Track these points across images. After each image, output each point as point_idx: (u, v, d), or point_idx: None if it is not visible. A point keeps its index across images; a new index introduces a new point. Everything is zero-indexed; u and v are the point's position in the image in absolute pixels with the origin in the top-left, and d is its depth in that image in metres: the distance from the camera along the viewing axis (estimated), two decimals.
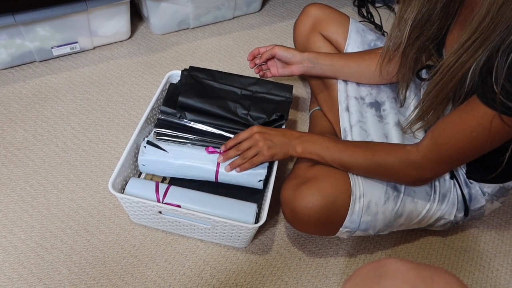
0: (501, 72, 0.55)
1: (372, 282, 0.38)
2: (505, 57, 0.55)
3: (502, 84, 0.55)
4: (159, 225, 0.88)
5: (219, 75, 0.99)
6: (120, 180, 0.84)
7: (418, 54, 0.81)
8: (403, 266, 0.38)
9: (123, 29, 1.27)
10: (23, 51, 1.15)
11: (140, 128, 0.90)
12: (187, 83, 0.95)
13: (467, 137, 0.64)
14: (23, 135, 1.03)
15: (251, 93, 0.96)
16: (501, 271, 0.92)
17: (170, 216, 0.83)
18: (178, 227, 0.87)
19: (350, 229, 0.77)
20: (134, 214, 0.87)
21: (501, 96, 0.56)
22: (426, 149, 0.69)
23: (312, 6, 1.04)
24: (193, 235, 0.89)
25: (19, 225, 0.88)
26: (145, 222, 0.89)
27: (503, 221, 1.00)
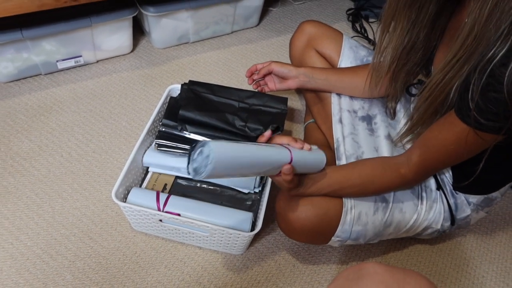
0: (476, 90, 0.59)
1: (352, 283, 0.42)
2: (481, 75, 0.59)
3: (477, 101, 0.60)
4: (159, 232, 0.92)
5: (217, 89, 1.04)
6: (122, 189, 0.89)
7: (407, 77, 0.86)
8: (379, 269, 0.42)
9: (125, 44, 1.32)
10: (29, 65, 1.20)
11: (142, 140, 0.94)
12: (187, 97, 0.99)
13: (449, 150, 0.69)
14: (29, 146, 1.08)
15: (248, 105, 1.01)
16: (487, 277, 0.96)
17: (170, 224, 0.87)
18: (178, 234, 0.91)
19: (342, 238, 0.81)
20: (135, 222, 0.91)
21: (474, 113, 0.60)
22: (416, 167, 0.74)
23: (307, 23, 1.09)
24: (192, 242, 0.93)
25: (25, 232, 0.92)
26: (146, 229, 0.93)
27: (488, 230, 1.05)
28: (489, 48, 0.58)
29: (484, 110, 0.60)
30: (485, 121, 0.60)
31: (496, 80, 0.57)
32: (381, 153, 0.89)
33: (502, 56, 0.56)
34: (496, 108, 0.58)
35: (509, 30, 0.56)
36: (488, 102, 0.59)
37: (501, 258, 1.00)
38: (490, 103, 0.58)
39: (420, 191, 0.84)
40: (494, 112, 0.59)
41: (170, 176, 1.00)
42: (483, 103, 0.59)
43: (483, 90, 0.59)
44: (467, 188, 0.83)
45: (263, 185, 0.95)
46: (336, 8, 1.69)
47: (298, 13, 1.64)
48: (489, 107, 0.59)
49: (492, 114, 0.59)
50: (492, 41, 0.58)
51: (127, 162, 0.90)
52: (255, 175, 0.68)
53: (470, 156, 0.70)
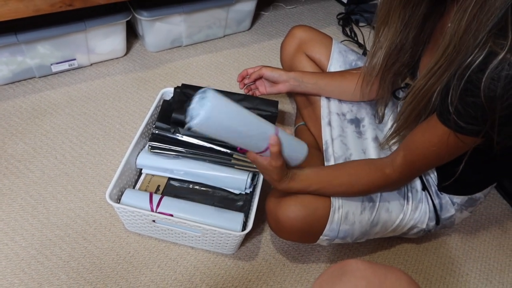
0: (455, 95, 0.62)
1: (336, 279, 0.45)
2: (459, 81, 0.62)
3: (456, 105, 0.62)
4: (152, 233, 0.94)
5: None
6: (116, 191, 0.91)
7: (394, 78, 0.89)
8: (361, 265, 0.45)
9: (119, 47, 1.33)
10: (23, 68, 1.21)
11: (135, 142, 0.96)
12: (180, 100, 1.02)
13: (432, 152, 0.72)
14: (24, 148, 1.09)
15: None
16: (471, 275, 0.99)
17: (163, 225, 0.89)
18: (171, 235, 0.93)
19: (330, 237, 0.84)
20: (129, 223, 0.93)
21: (454, 116, 0.63)
22: (401, 168, 0.77)
23: (298, 28, 1.12)
24: (184, 242, 0.95)
25: (20, 233, 0.94)
26: (140, 230, 0.95)
27: (473, 229, 1.08)
28: (468, 55, 0.61)
29: (463, 114, 0.62)
30: (465, 124, 0.63)
31: (473, 85, 0.59)
32: (368, 155, 0.92)
33: (479, 63, 0.59)
34: (474, 112, 0.61)
35: (486, 39, 0.58)
36: (467, 106, 0.61)
37: (485, 256, 1.03)
38: (469, 107, 0.61)
39: (406, 191, 0.87)
40: (473, 116, 0.61)
41: (163, 178, 1.02)
42: (462, 107, 0.62)
43: (462, 95, 0.62)
44: (451, 189, 0.86)
45: (254, 186, 0.98)
46: (327, 12, 1.72)
47: (290, 17, 1.67)
48: (467, 111, 0.62)
49: (471, 118, 0.62)
50: (470, 49, 0.60)
51: (120, 164, 0.92)
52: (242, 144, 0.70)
53: (452, 158, 0.73)
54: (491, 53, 0.58)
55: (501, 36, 0.57)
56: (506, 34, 0.57)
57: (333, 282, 0.45)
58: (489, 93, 0.58)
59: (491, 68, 0.57)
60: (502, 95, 0.57)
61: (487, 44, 0.58)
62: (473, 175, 0.83)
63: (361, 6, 1.69)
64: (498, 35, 0.58)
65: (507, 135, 0.63)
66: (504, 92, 0.57)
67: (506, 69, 0.56)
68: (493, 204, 1.15)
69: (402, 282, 0.44)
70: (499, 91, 0.57)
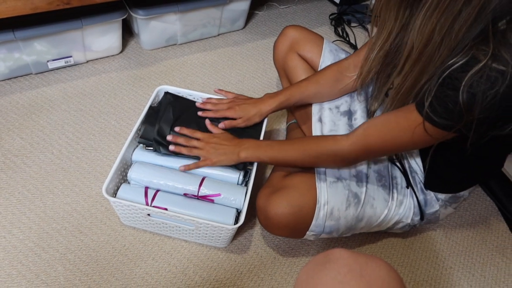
0: (432, 90, 0.66)
1: (320, 267, 0.48)
2: (436, 79, 0.66)
3: (431, 100, 0.66)
4: (147, 226, 0.97)
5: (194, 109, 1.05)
6: (112, 185, 0.93)
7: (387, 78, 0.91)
8: (344, 253, 0.48)
9: (115, 45, 1.36)
10: (20, 64, 1.23)
11: (130, 139, 0.98)
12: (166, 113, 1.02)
13: (394, 135, 0.74)
14: (21, 143, 1.11)
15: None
16: (454, 268, 1.03)
17: (157, 218, 0.92)
18: (165, 228, 0.96)
19: (316, 233, 0.87)
20: (125, 217, 0.96)
21: (428, 109, 0.67)
22: (355, 138, 0.79)
23: (290, 28, 1.14)
24: (178, 236, 0.98)
25: (18, 226, 0.96)
26: (135, 224, 0.98)
27: (457, 225, 1.12)
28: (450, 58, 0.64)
29: (437, 108, 0.65)
30: (438, 118, 0.66)
31: (454, 80, 0.62)
32: None
33: (462, 64, 0.62)
34: (452, 106, 0.63)
35: (470, 46, 0.62)
36: (445, 98, 0.64)
37: (468, 250, 1.07)
38: (447, 99, 0.64)
39: (391, 187, 0.90)
40: (449, 109, 0.64)
41: None
42: (437, 101, 0.65)
43: (440, 88, 0.65)
44: (437, 187, 0.90)
45: (246, 182, 1.01)
46: (320, 12, 1.76)
47: (283, 16, 1.70)
48: (444, 104, 0.64)
49: (446, 111, 0.65)
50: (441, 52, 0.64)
51: (116, 159, 0.94)
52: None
53: (412, 148, 0.76)
54: (474, 58, 0.61)
55: (484, 44, 0.60)
56: (487, 43, 0.60)
57: (318, 269, 0.48)
58: (469, 93, 0.61)
59: (473, 72, 0.60)
60: (481, 100, 0.61)
61: (471, 51, 0.62)
62: (459, 174, 0.87)
63: (353, 7, 1.72)
64: (481, 42, 0.61)
65: (480, 135, 0.66)
66: (484, 98, 0.60)
67: (487, 74, 0.59)
68: (477, 200, 1.19)
69: (382, 269, 0.47)
70: (478, 95, 0.60)
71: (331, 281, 0.45)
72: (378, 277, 0.46)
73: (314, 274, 0.48)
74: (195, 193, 0.93)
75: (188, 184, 0.94)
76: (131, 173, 0.95)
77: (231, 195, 0.93)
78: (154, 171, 0.95)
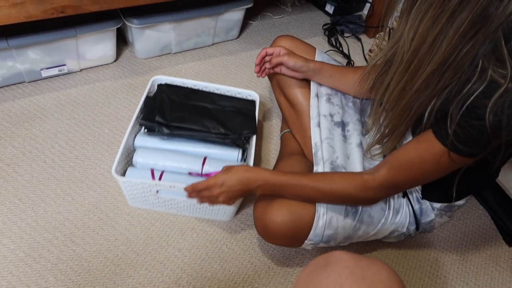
0: (455, 119, 0.65)
1: (320, 269, 0.48)
2: (458, 108, 0.65)
3: (454, 129, 0.65)
4: (155, 206, 1.00)
5: (191, 93, 1.12)
6: (120, 168, 0.95)
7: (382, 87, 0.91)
8: (345, 256, 0.48)
9: (109, 53, 1.35)
10: (13, 72, 1.22)
11: (132, 126, 1.02)
12: (163, 101, 1.07)
13: (420, 169, 0.74)
14: (12, 152, 1.10)
15: (221, 107, 1.10)
16: (448, 277, 1.03)
17: (166, 195, 0.95)
18: (173, 205, 0.99)
19: (314, 242, 0.87)
20: (133, 197, 0.98)
21: (452, 138, 0.66)
22: (382, 178, 0.77)
23: (282, 38, 1.14)
24: (185, 212, 1.02)
25: (8, 236, 0.94)
26: (142, 204, 1.01)
27: (451, 233, 1.12)
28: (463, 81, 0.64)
29: (462, 137, 0.65)
30: (463, 146, 0.66)
31: (479, 109, 0.62)
32: (352, 161, 0.93)
33: (483, 90, 0.62)
34: (477, 135, 0.63)
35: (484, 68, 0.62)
36: (470, 129, 0.64)
37: (462, 259, 1.08)
38: (472, 130, 0.64)
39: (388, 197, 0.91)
40: (475, 138, 0.64)
41: None
42: (461, 131, 0.65)
43: (464, 119, 0.64)
44: (434, 197, 0.90)
45: (244, 159, 1.04)
46: (313, 23, 1.77)
47: (277, 26, 1.71)
48: (469, 134, 0.64)
49: (472, 141, 0.65)
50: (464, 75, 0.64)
51: (121, 143, 0.97)
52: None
53: (438, 177, 0.75)
54: (493, 81, 0.61)
55: (501, 66, 0.61)
56: (505, 65, 0.60)
57: (318, 271, 0.47)
58: (495, 121, 0.61)
59: (496, 97, 0.60)
60: (507, 125, 0.61)
61: (487, 72, 0.62)
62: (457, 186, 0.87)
63: (346, 17, 1.74)
64: (498, 65, 0.61)
65: (506, 157, 0.67)
66: (509, 122, 0.60)
67: (510, 100, 0.59)
68: (470, 209, 1.19)
69: (383, 272, 0.46)
70: (504, 121, 0.60)
71: (332, 284, 0.45)
72: (379, 281, 0.45)
73: (314, 276, 0.47)
74: (199, 172, 0.99)
75: (192, 163, 0.99)
76: (136, 157, 1.00)
77: None
78: (158, 153, 1.01)
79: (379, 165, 0.79)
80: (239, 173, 0.81)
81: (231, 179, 0.81)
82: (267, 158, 1.21)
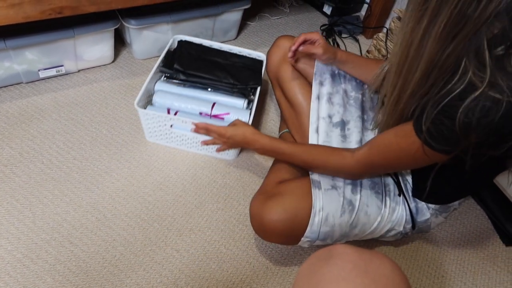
0: (430, 116, 0.67)
1: (323, 261, 0.47)
2: (433, 108, 0.67)
3: (428, 126, 0.68)
4: (169, 141, 1.17)
5: (207, 49, 1.29)
6: (141, 104, 1.12)
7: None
8: (348, 249, 0.47)
9: (107, 54, 1.35)
10: (10, 73, 1.22)
11: (152, 73, 1.18)
12: (181, 52, 1.23)
13: (396, 155, 0.77)
14: (10, 153, 1.10)
15: (232, 63, 1.26)
16: (446, 277, 1.04)
17: (179, 130, 1.11)
18: (184, 141, 1.16)
19: (311, 239, 0.87)
20: (150, 131, 1.15)
21: (425, 133, 0.69)
22: (360, 156, 0.83)
23: (282, 38, 1.15)
24: (195, 149, 1.18)
25: (6, 237, 0.94)
26: (158, 139, 1.17)
27: (448, 234, 1.13)
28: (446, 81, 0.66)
29: (435, 135, 0.68)
30: (435, 144, 0.69)
31: (452, 109, 0.64)
32: None
33: (460, 92, 0.63)
34: (448, 133, 0.66)
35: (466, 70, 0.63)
36: (441, 126, 0.66)
37: (459, 259, 1.08)
38: (443, 127, 0.66)
39: (384, 195, 0.91)
40: (446, 136, 0.66)
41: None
42: (434, 128, 0.67)
43: (437, 116, 0.66)
44: (427, 199, 0.91)
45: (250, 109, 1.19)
46: (311, 23, 1.78)
47: (275, 27, 1.71)
48: (441, 131, 0.66)
49: (443, 139, 0.67)
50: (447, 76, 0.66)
51: (144, 83, 1.14)
52: None
53: (414, 167, 0.78)
54: (471, 84, 0.62)
55: (481, 70, 0.62)
56: (485, 70, 0.61)
57: (320, 265, 0.47)
58: (465, 122, 0.63)
59: (470, 99, 0.62)
60: (476, 126, 0.62)
61: (467, 75, 0.63)
62: (447, 187, 0.88)
63: (344, 18, 1.74)
64: (478, 67, 0.62)
65: (477, 158, 0.68)
66: (478, 124, 0.62)
67: (482, 103, 0.61)
68: (467, 209, 1.20)
69: (386, 266, 0.46)
70: (474, 122, 0.62)
71: (334, 278, 0.44)
72: (382, 274, 0.44)
73: (316, 270, 0.46)
74: (208, 113, 1.16)
75: (202, 106, 1.16)
76: (155, 98, 1.17)
77: (237, 115, 1.15)
78: (174, 96, 1.18)
79: (361, 146, 0.85)
80: (244, 133, 0.94)
81: (237, 135, 0.94)
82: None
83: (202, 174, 1.14)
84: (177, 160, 1.16)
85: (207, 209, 1.07)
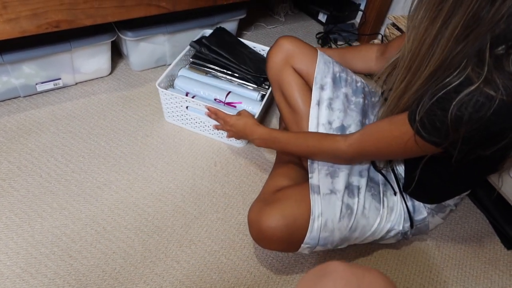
0: (425, 107, 0.68)
1: (317, 279, 0.48)
2: (429, 99, 0.68)
3: (421, 117, 0.69)
4: (184, 122, 1.27)
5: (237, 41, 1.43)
6: (163, 84, 1.23)
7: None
8: (341, 266, 0.48)
9: (104, 66, 1.36)
10: (8, 87, 1.22)
11: (177, 60, 1.31)
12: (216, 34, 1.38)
13: (388, 143, 0.78)
14: (8, 167, 1.10)
15: (253, 56, 1.38)
16: (448, 282, 1.03)
17: (194, 112, 1.21)
18: (198, 124, 1.25)
19: (311, 245, 0.87)
20: (169, 111, 1.26)
21: (418, 123, 0.69)
22: (352, 141, 0.84)
23: (284, 39, 1.11)
24: (207, 133, 1.27)
25: (5, 251, 0.94)
26: (175, 120, 1.28)
27: (449, 238, 1.12)
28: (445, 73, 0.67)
29: (427, 126, 0.69)
30: (426, 134, 0.69)
31: (446, 101, 0.65)
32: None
33: (456, 85, 0.65)
34: (439, 124, 0.67)
35: (466, 66, 0.64)
36: (434, 117, 0.67)
37: (461, 264, 1.07)
38: (435, 118, 0.67)
39: (381, 195, 0.91)
40: (437, 127, 0.67)
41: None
42: (426, 120, 0.68)
43: (432, 106, 0.67)
44: (419, 196, 0.92)
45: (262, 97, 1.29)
46: (307, 31, 1.79)
47: (271, 36, 1.72)
48: (433, 122, 0.67)
49: (434, 130, 0.68)
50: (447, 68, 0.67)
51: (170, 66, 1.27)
52: None
53: (404, 157, 0.80)
54: (468, 79, 0.64)
55: (479, 66, 0.63)
56: (483, 66, 0.63)
57: (314, 282, 0.48)
58: (457, 115, 0.64)
59: (465, 93, 0.63)
60: (467, 121, 0.63)
61: (465, 71, 0.64)
62: (436, 179, 0.88)
63: (339, 26, 1.76)
64: (478, 64, 0.63)
65: (465, 154, 0.70)
66: (470, 119, 0.63)
67: (476, 98, 0.62)
68: (467, 213, 1.20)
69: (379, 281, 0.47)
70: (466, 116, 0.63)
71: None
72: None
73: (311, 286, 0.47)
74: (223, 100, 1.27)
75: (218, 93, 1.27)
76: (177, 81, 1.30)
77: (249, 104, 1.25)
78: (193, 82, 1.29)
79: (355, 132, 0.86)
80: (246, 123, 1.02)
81: (239, 124, 1.03)
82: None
83: (201, 184, 1.14)
84: (175, 171, 1.16)
85: (207, 219, 1.07)
